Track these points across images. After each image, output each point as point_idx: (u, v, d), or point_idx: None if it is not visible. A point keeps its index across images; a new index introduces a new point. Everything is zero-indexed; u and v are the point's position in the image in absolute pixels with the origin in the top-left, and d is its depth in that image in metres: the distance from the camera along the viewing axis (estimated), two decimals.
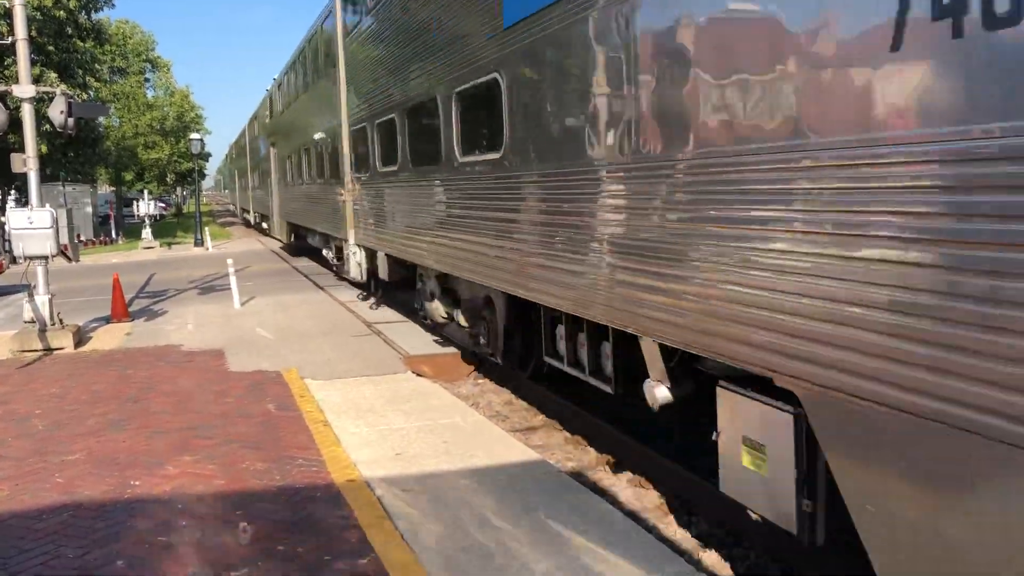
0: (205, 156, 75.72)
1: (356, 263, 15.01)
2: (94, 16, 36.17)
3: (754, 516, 4.71)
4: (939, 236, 3.15)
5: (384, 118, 11.81)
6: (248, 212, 47.12)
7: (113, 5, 36.67)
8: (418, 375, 10.02)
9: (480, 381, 10.46)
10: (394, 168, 11.47)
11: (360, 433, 7.50)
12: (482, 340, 9.48)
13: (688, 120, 4.67)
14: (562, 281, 6.36)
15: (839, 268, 3.61)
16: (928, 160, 3.16)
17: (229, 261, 17.01)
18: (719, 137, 4.39)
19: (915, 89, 3.21)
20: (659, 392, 5.57)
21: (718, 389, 4.85)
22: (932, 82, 3.14)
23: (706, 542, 5.79)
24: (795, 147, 3.84)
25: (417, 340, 11.87)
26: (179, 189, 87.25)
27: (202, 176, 71.93)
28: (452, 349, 11.20)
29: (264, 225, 37.24)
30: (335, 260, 18.35)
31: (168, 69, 65.95)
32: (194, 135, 39.70)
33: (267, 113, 30.74)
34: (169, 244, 36.96)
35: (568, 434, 8.20)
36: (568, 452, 7.72)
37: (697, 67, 4.57)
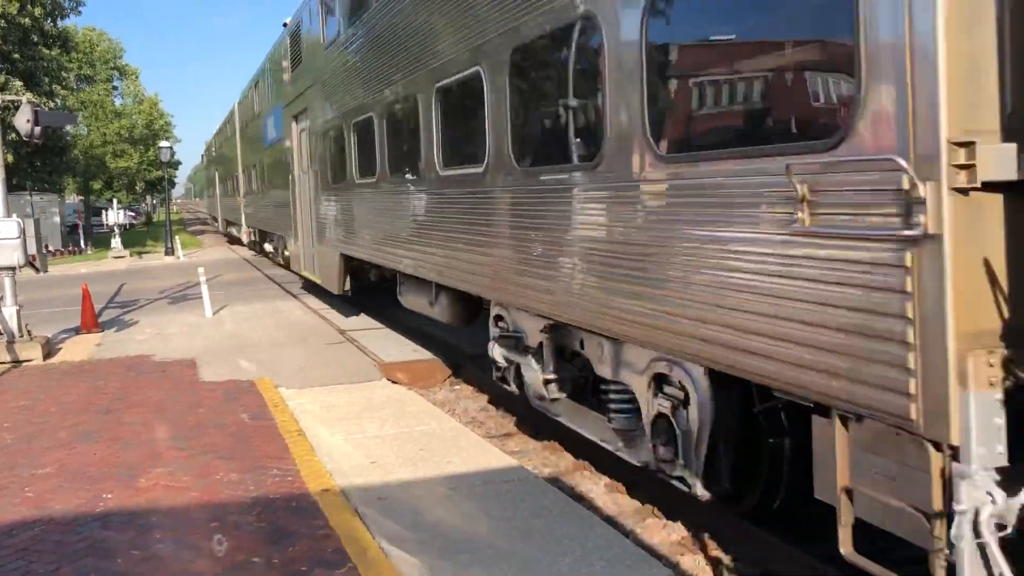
0: (175, 164, 74.93)
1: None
2: (60, 23, 35.84)
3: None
4: None
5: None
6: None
7: (79, 12, 36.35)
8: (393, 382, 9.97)
9: (456, 387, 10.43)
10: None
11: (335, 442, 7.45)
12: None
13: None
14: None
15: None
16: None
17: (200, 270, 16.87)
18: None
19: None
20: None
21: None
22: None
23: (683, 546, 5.80)
24: None
25: (392, 347, 11.83)
26: (149, 198, 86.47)
27: (172, 184, 70.77)
28: (428, 355, 11.16)
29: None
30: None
31: (136, 77, 65.36)
32: (163, 143, 39.32)
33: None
34: (139, 253, 36.61)
35: (545, 440, 8.19)
36: (545, 458, 7.71)
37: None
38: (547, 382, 6.96)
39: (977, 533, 3.07)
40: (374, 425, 7.96)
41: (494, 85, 6.94)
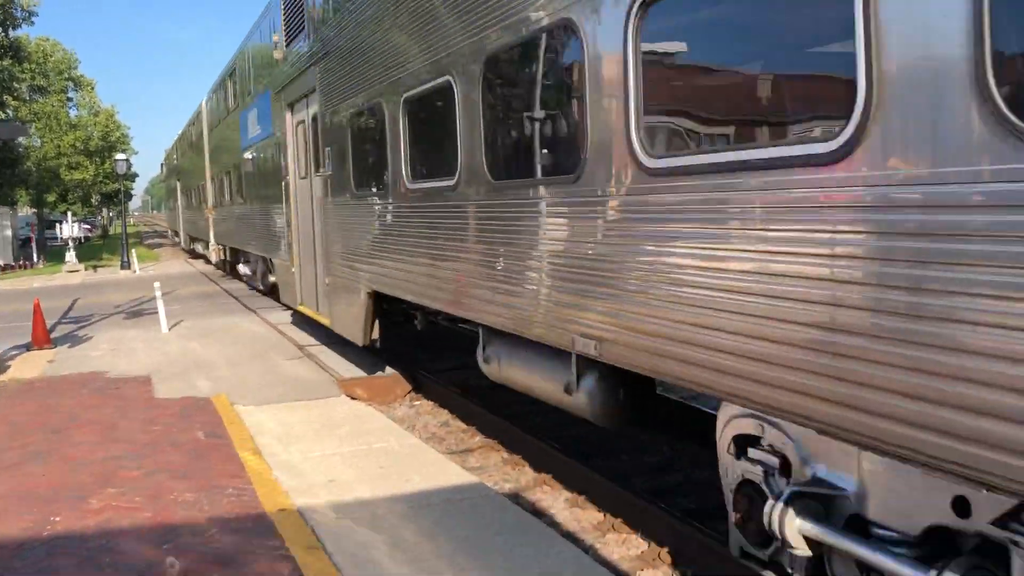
0: (131, 176, 73.81)
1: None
2: (12, 33, 35.18)
3: None
4: None
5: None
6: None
7: (32, 23, 35.75)
8: (352, 398, 9.87)
9: (416, 403, 10.36)
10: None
11: (292, 459, 7.34)
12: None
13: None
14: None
15: None
16: None
17: (156, 284, 16.60)
18: None
19: None
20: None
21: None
22: None
23: (643, 561, 5.79)
24: None
25: (351, 362, 11.71)
26: (105, 210, 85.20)
27: (128, 197, 69.22)
28: (388, 371, 11.07)
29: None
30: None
31: (92, 88, 64.42)
32: (120, 155, 38.75)
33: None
34: (94, 267, 36.00)
35: (506, 454, 8.15)
36: (506, 473, 7.67)
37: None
38: None
39: None
40: (332, 442, 7.87)
41: None
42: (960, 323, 2.94)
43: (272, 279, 16.46)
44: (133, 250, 37.75)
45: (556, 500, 6.93)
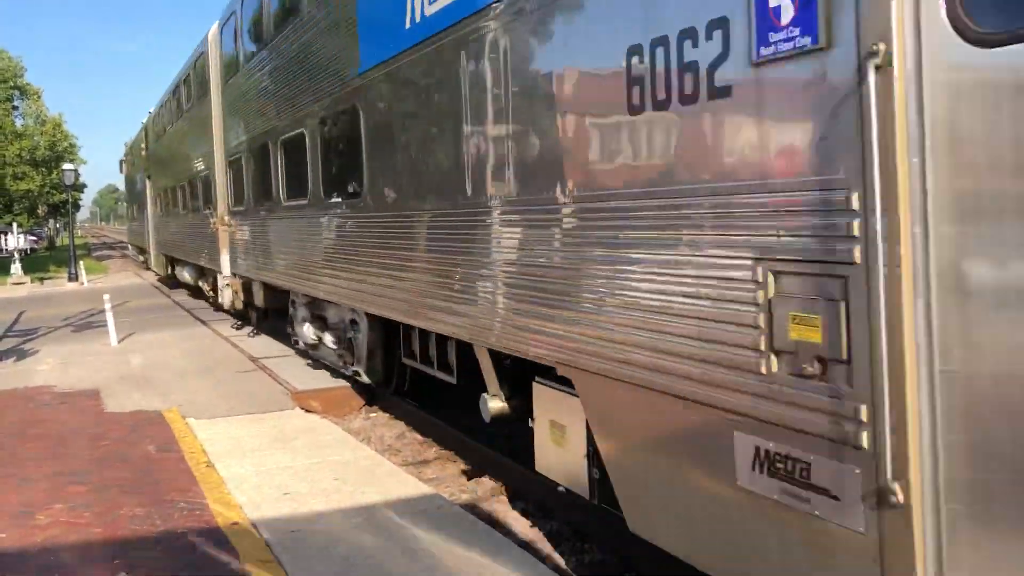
0: (80, 187, 72.44)
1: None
2: None
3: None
4: None
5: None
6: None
7: None
8: (306, 411, 9.79)
9: (372, 415, 10.30)
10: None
11: (246, 473, 7.26)
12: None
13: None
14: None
15: None
16: None
17: (106, 296, 16.35)
18: None
19: None
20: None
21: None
22: None
23: (599, 570, 5.82)
24: None
25: (304, 374, 11.62)
26: (52, 221, 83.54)
27: (77, 208, 67.58)
28: (342, 383, 11.00)
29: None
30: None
31: (38, 96, 63.15)
32: (67, 165, 38.03)
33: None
34: (41, 279, 35.24)
35: (463, 466, 8.15)
36: (462, 485, 7.66)
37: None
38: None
39: None
40: (287, 455, 7.80)
41: None
42: None
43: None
44: (81, 262, 37.06)
45: (512, 510, 6.94)
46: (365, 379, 9.66)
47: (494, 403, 6.49)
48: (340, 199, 9.08)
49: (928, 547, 3.04)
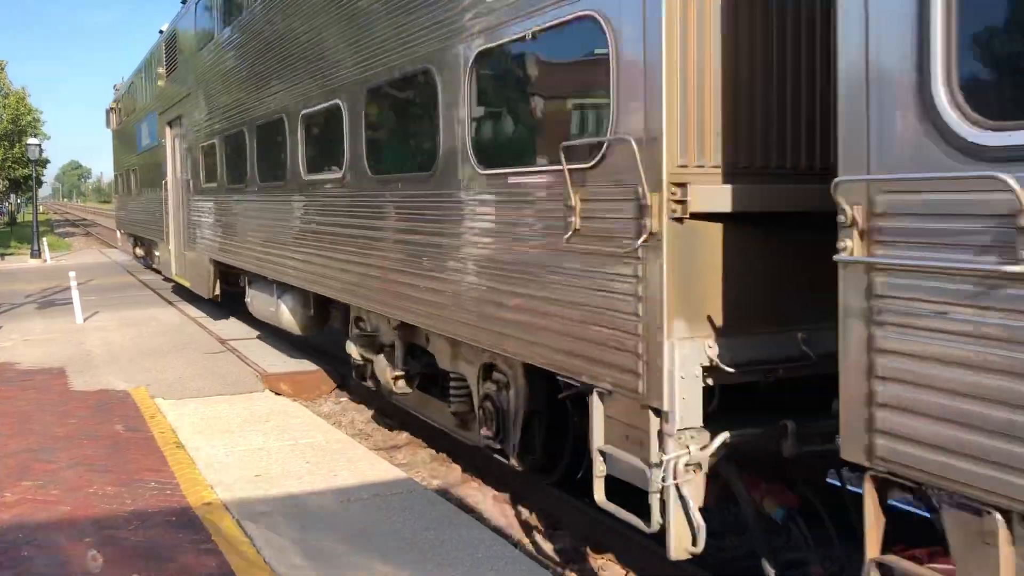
0: (43, 162, 71.13)
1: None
2: None
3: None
4: None
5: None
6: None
7: None
8: (276, 393, 9.76)
9: (342, 399, 10.30)
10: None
11: (216, 454, 7.24)
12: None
13: None
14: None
15: None
16: None
17: (72, 274, 16.14)
18: None
19: None
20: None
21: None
22: None
23: (571, 555, 5.89)
24: None
25: (274, 356, 11.57)
26: (13, 196, 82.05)
27: (40, 183, 66.14)
28: (312, 366, 10.97)
29: None
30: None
31: (1, 69, 61.89)
32: (32, 139, 37.32)
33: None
34: (2, 255, 34.66)
35: (433, 451, 8.17)
36: (433, 469, 7.69)
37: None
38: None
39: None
40: (258, 437, 7.78)
41: None
42: None
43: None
44: (44, 239, 36.47)
45: (484, 496, 6.98)
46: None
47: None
48: None
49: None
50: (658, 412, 4.21)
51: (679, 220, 4.09)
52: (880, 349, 3.10)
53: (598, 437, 4.72)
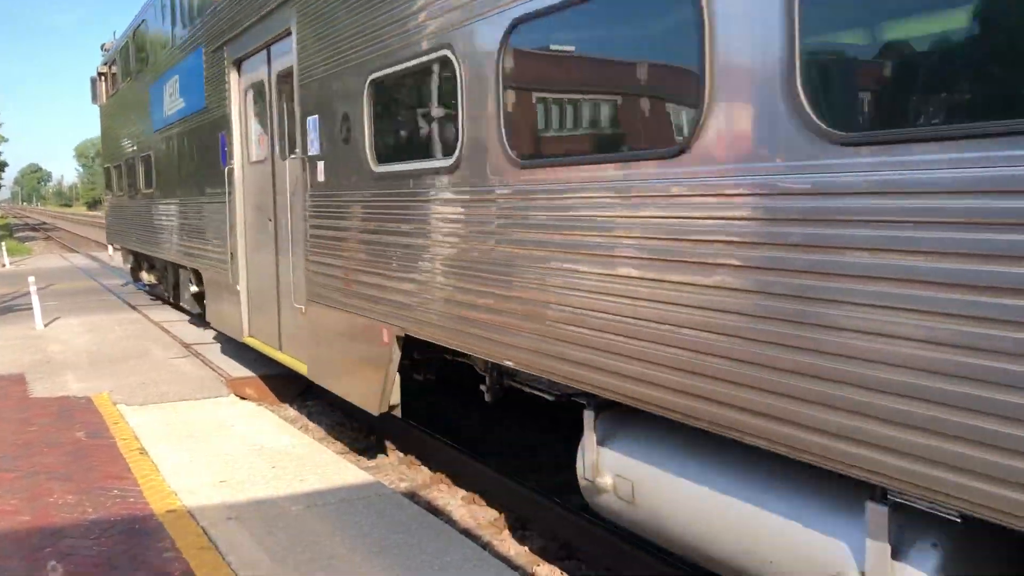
0: (2, 165, 69.95)
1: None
2: None
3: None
4: None
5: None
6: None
7: None
8: (242, 398, 9.65)
9: (308, 403, 10.20)
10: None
11: (181, 460, 7.13)
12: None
13: None
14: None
15: None
16: None
17: (31, 279, 15.84)
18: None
19: None
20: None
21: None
22: None
23: (541, 555, 5.87)
24: None
25: (239, 360, 11.44)
26: None
27: None
28: (278, 370, 10.86)
29: None
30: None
31: None
32: None
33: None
34: None
35: (401, 454, 8.13)
36: (402, 472, 7.64)
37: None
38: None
39: None
40: (222, 442, 7.68)
41: None
42: None
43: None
44: (3, 243, 35.84)
45: (453, 498, 6.95)
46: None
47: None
48: None
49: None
50: None
51: None
52: None
53: None
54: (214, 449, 7.46)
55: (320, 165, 7.71)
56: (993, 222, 2.68)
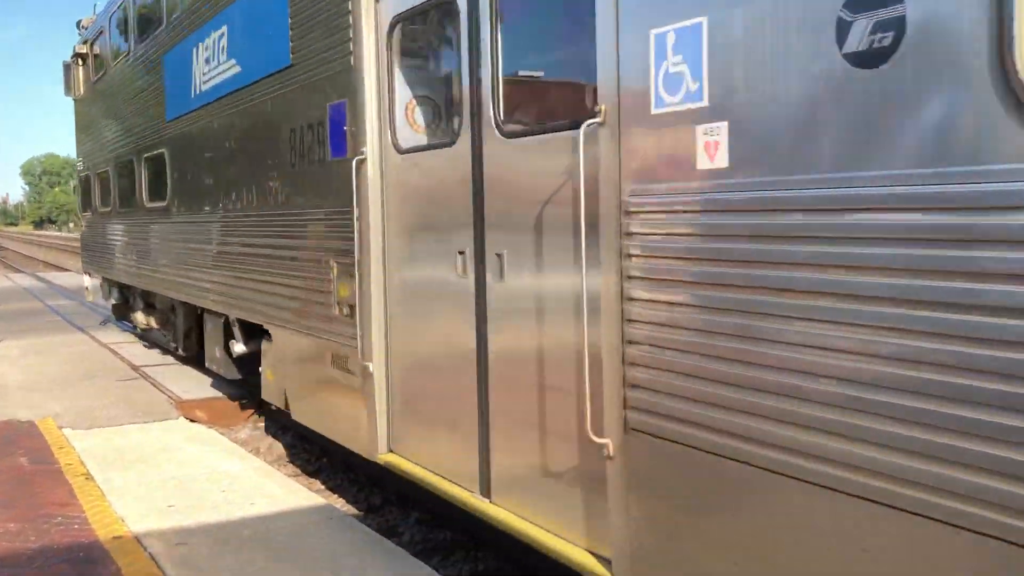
0: None
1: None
2: None
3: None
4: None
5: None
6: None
7: None
8: (192, 421, 9.51)
9: (260, 425, 10.09)
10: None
11: (128, 486, 7.00)
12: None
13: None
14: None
15: None
16: None
17: None
18: None
19: None
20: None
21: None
22: None
23: None
24: None
25: (190, 383, 11.28)
26: None
27: None
28: (229, 392, 10.73)
29: None
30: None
31: None
32: None
33: None
34: None
35: (354, 476, 8.06)
36: (354, 494, 7.59)
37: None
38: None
39: None
40: (171, 467, 7.56)
41: None
42: None
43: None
44: None
45: (406, 519, 6.92)
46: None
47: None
48: None
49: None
50: None
51: None
52: None
53: None
54: (163, 474, 7.34)
55: (720, 132, 3.45)
56: None
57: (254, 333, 8.63)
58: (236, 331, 8.99)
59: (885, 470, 2.94)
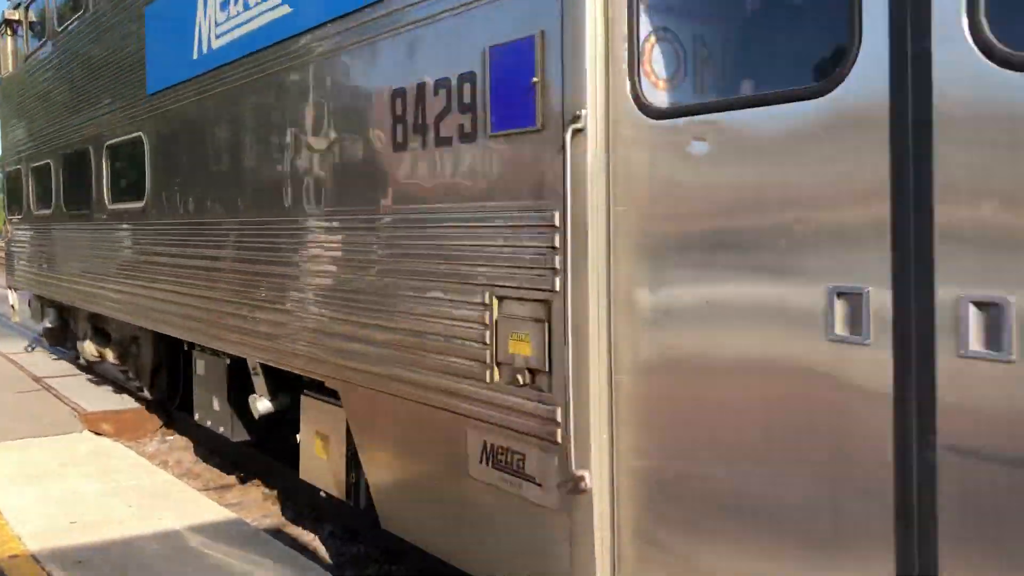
0: None
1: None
2: None
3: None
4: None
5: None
6: None
7: None
8: (97, 434, 9.21)
9: (169, 438, 9.84)
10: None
11: (28, 502, 6.74)
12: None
13: None
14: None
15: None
16: None
17: None
18: None
19: None
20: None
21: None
22: None
23: None
24: None
25: (96, 395, 10.93)
26: None
27: None
28: (136, 404, 10.43)
29: None
30: None
31: None
32: None
33: None
34: None
35: (266, 490, 7.93)
36: (266, 509, 7.46)
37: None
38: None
39: None
40: (75, 482, 7.31)
41: None
42: None
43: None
44: None
45: (319, 534, 6.83)
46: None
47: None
48: None
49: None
50: None
51: None
52: None
53: None
54: (65, 489, 7.09)
55: None
56: None
57: (282, 383, 6.62)
58: (259, 382, 6.74)
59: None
